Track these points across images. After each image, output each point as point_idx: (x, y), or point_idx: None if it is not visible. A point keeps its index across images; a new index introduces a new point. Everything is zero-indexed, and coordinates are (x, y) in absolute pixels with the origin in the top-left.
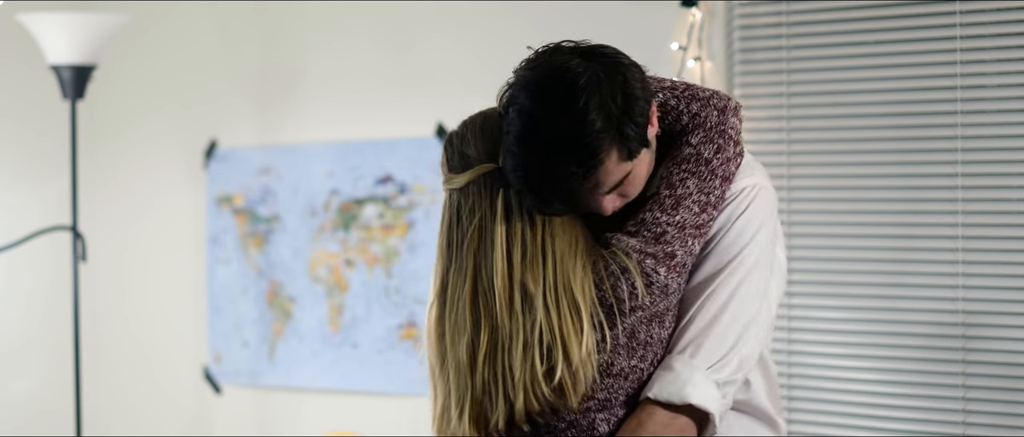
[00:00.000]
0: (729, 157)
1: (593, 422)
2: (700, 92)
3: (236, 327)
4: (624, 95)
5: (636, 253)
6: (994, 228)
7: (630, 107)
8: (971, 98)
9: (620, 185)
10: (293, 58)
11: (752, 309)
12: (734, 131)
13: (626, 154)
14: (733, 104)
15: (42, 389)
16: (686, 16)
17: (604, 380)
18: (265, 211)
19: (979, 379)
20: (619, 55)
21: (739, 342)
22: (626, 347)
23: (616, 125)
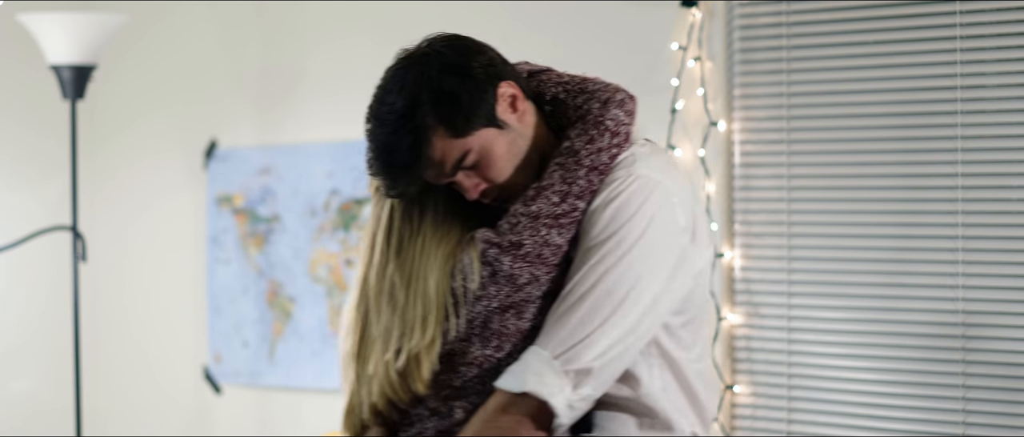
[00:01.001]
0: (601, 147)
1: (451, 409)
2: (590, 86)
3: (236, 327)
4: (452, 71)
5: (482, 243)
6: (994, 228)
7: (455, 83)
8: (971, 98)
9: (474, 167)
10: (293, 58)
11: (618, 300)
12: (612, 122)
13: (452, 129)
14: (619, 96)
15: (42, 389)
16: (686, 16)
17: (459, 368)
18: (265, 211)
19: (979, 379)
20: (467, 41)
21: (597, 333)
22: (479, 336)
23: (435, 99)
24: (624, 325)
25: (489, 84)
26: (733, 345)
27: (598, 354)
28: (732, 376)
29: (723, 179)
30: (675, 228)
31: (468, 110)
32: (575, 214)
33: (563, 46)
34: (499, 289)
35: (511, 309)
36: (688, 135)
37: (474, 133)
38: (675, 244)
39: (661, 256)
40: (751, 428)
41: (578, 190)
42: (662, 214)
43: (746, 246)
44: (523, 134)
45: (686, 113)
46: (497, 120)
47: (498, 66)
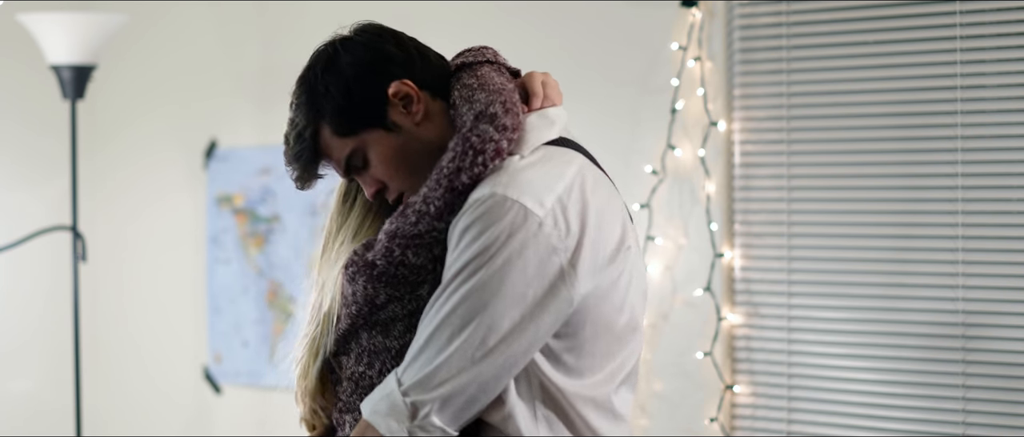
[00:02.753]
0: (461, 166)
1: (342, 423)
2: (478, 94)
3: (236, 327)
4: (337, 70)
5: (347, 263)
6: (994, 228)
7: (338, 82)
8: (971, 98)
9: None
10: (293, 58)
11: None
12: (478, 138)
13: (335, 128)
14: (492, 109)
15: (42, 389)
16: (686, 16)
17: (343, 383)
18: (265, 211)
19: (979, 379)
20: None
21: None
22: (355, 353)
23: (322, 96)
24: (468, 354)
25: (377, 84)
26: (733, 345)
27: (439, 383)
28: (732, 376)
29: (723, 179)
30: (538, 249)
31: (350, 110)
32: (434, 234)
33: (563, 46)
34: (359, 307)
35: (376, 327)
36: (688, 135)
37: (359, 133)
38: (537, 266)
39: (516, 280)
40: (751, 428)
41: (435, 210)
42: (517, 237)
43: (746, 246)
44: (418, 137)
45: (686, 113)
46: (386, 121)
47: (394, 64)
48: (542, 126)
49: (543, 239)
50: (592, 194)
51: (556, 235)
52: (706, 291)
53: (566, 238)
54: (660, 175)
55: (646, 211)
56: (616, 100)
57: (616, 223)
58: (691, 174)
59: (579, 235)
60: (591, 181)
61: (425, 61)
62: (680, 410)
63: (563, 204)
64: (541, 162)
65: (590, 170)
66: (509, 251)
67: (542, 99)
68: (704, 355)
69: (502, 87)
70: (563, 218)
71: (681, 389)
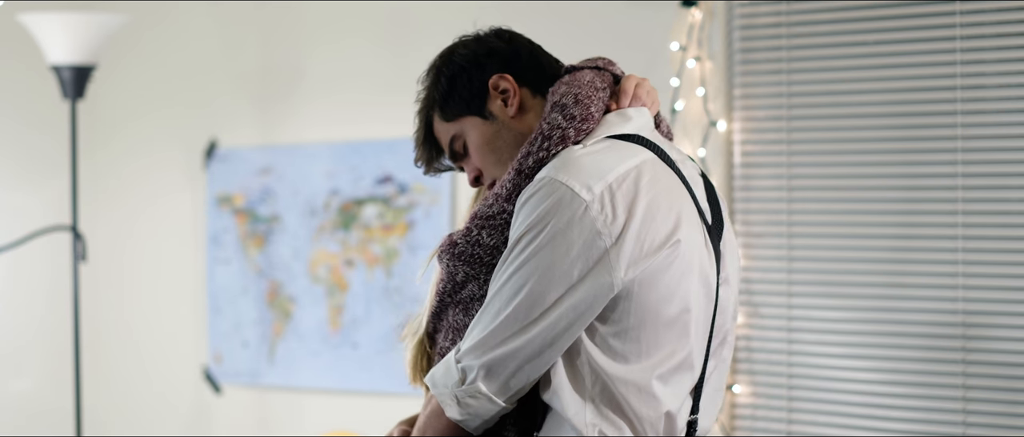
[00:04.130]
0: (529, 151)
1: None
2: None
3: (236, 327)
4: (451, 60)
5: (439, 245)
6: (994, 228)
7: (449, 71)
8: (971, 98)
9: (463, 153)
10: (293, 58)
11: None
12: (547, 125)
13: (441, 113)
14: (563, 100)
15: (42, 389)
16: (686, 16)
17: (434, 358)
18: (265, 211)
19: (979, 379)
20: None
21: (488, 333)
22: (444, 330)
23: (434, 83)
24: (513, 325)
25: (478, 75)
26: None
27: (486, 350)
28: (732, 376)
29: (723, 179)
30: (583, 231)
31: (454, 97)
32: (504, 216)
33: (563, 46)
34: (444, 285)
35: (459, 305)
36: (688, 135)
37: (458, 119)
38: (582, 247)
39: (559, 258)
40: (751, 428)
41: (506, 193)
42: (563, 217)
43: (746, 246)
44: (512, 128)
45: (686, 113)
46: (484, 110)
47: (497, 58)
48: (617, 122)
49: (588, 222)
50: (648, 187)
51: (601, 219)
52: None
53: (611, 224)
54: None
55: None
56: None
57: (669, 217)
58: None
59: (624, 222)
60: (650, 175)
61: (532, 60)
62: None
63: (612, 191)
64: (602, 152)
65: (654, 165)
66: (554, 230)
67: (631, 99)
68: None
69: (582, 83)
70: (611, 204)
71: None
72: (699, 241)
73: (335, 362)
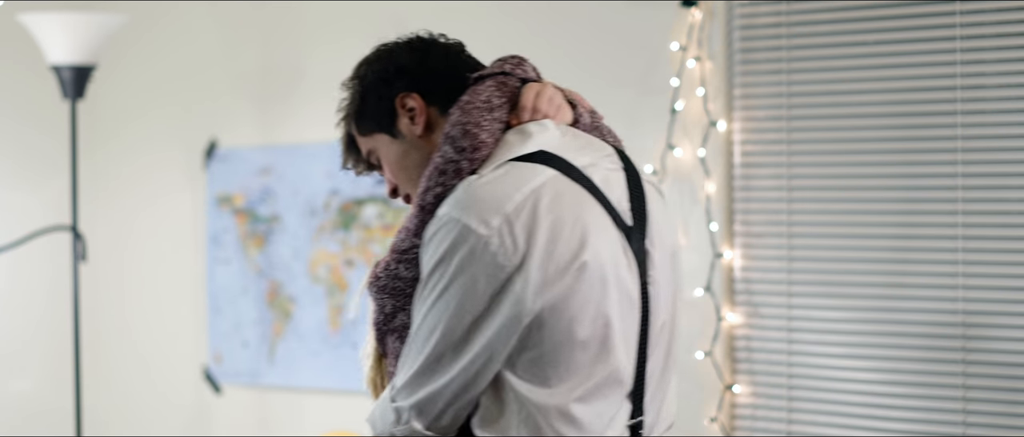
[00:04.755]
0: (428, 186)
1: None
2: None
3: (236, 327)
4: (362, 79)
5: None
6: (994, 228)
7: (361, 90)
8: (971, 98)
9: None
10: (293, 58)
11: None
12: (441, 159)
13: (355, 126)
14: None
15: (42, 389)
16: (686, 16)
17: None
18: (265, 211)
19: (979, 379)
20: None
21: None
22: (389, 355)
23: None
24: (432, 365)
25: (386, 93)
26: (733, 345)
27: (413, 391)
28: (732, 376)
29: (723, 179)
30: (484, 267)
31: (365, 113)
32: (415, 251)
33: (563, 46)
34: (376, 316)
35: (394, 332)
36: (688, 135)
37: (371, 135)
38: (485, 283)
39: (464, 297)
40: (751, 428)
41: (413, 227)
42: (464, 255)
43: (746, 246)
44: (420, 147)
45: (686, 113)
46: (393, 129)
47: (405, 76)
48: (516, 143)
49: (489, 257)
50: (548, 210)
51: (502, 253)
52: (706, 291)
53: (513, 255)
54: (660, 175)
55: None
56: (616, 100)
57: (574, 238)
58: (691, 174)
59: (525, 252)
60: (550, 196)
61: (443, 76)
62: (680, 410)
63: (510, 222)
64: (498, 180)
65: (557, 183)
66: (458, 269)
67: (531, 112)
68: (704, 355)
69: (475, 105)
70: (510, 236)
71: (681, 389)
72: (614, 251)
73: (335, 362)
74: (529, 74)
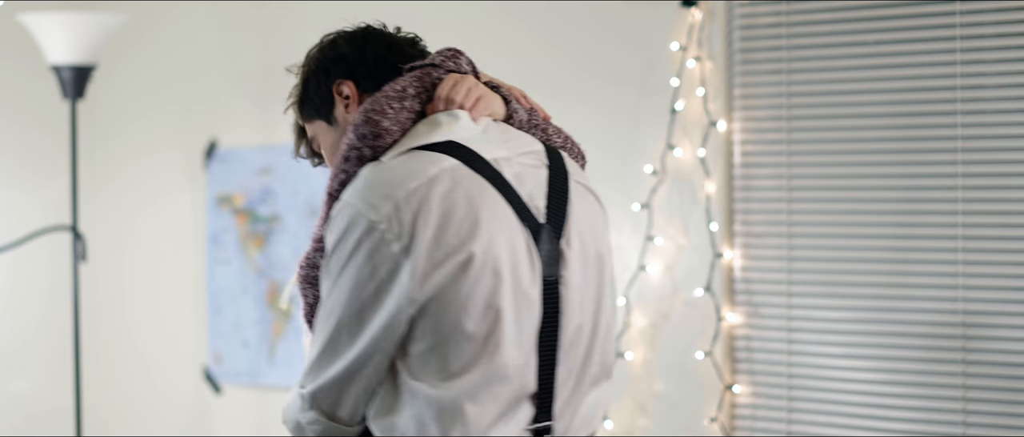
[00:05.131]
0: (335, 174)
1: None
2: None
3: (236, 327)
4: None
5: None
6: (994, 228)
7: (304, 77)
8: (971, 98)
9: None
10: (293, 58)
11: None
12: (346, 147)
13: (299, 114)
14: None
15: (42, 389)
16: (686, 16)
17: None
18: (265, 211)
19: (979, 379)
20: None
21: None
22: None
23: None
24: (329, 351)
25: (325, 80)
26: (733, 345)
27: (312, 379)
28: (732, 376)
29: (723, 179)
30: (373, 251)
31: (307, 100)
32: (323, 239)
33: (563, 46)
34: (305, 310)
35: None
36: (688, 135)
37: (312, 121)
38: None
39: (356, 281)
40: (751, 428)
41: (323, 215)
42: (356, 240)
43: (746, 246)
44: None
45: (686, 113)
46: (330, 116)
47: (343, 65)
48: (424, 132)
49: (377, 241)
50: (440, 199)
51: (390, 237)
52: (706, 291)
53: (400, 240)
54: (660, 175)
55: (646, 211)
56: (616, 100)
57: (463, 227)
58: (691, 174)
59: (411, 238)
60: (446, 186)
61: (379, 64)
62: (680, 410)
63: (400, 209)
64: (395, 167)
65: (456, 174)
66: (350, 254)
67: (444, 103)
68: (704, 355)
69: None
70: (398, 221)
71: (681, 389)
72: (513, 246)
73: None
74: (462, 67)
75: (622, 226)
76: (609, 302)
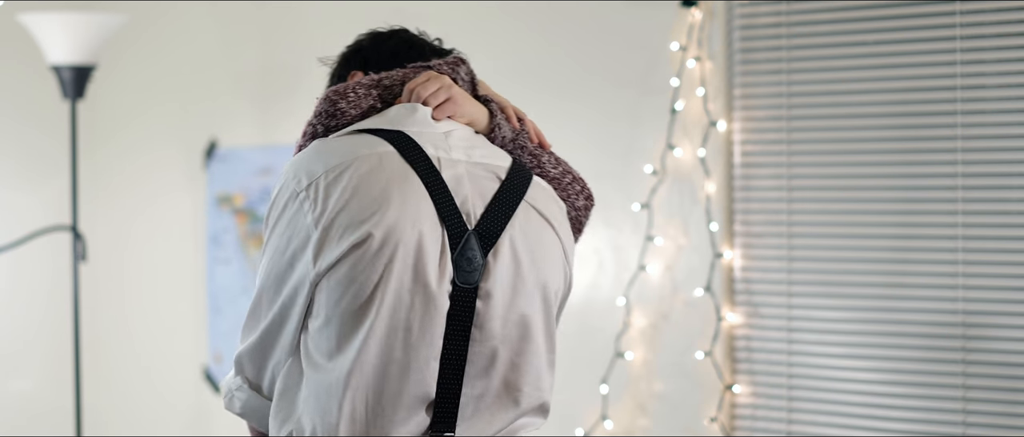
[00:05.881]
0: (297, 146)
1: None
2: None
3: (236, 327)
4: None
5: None
6: (994, 228)
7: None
8: (971, 98)
9: None
10: (293, 58)
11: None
12: (306, 123)
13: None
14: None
15: (42, 389)
16: (686, 16)
17: None
18: (265, 211)
19: (979, 379)
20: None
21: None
22: None
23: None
24: (252, 320)
25: (343, 71)
26: (733, 345)
27: (240, 345)
28: (732, 376)
29: (723, 179)
30: (294, 218)
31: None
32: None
33: (563, 46)
34: None
35: None
36: (688, 135)
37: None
38: (293, 234)
39: (279, 250)
40: (751, 428)
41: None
42: (283, 207)
43: (746, 246)
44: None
45: (686, 113)
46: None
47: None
48: (375, 118)
49: (298, 210)
50: (357, 178)
51: (307, 207)
52: (706, 291)
53: (314, 212)
54: (660, 175)
55: (646, 211)
56: (616, 100)
57: (367, 209)
58: (691, 174)
59: (322, 211)
60: (367, 168)
61: (393, 62)
62: (680, 410)
63: (319, 183)
64: (334, 144)
65: (385, 160)
66: (275, 220)
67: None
68: (704, 355)
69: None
70: (319, 193)
71: (681, 389)
72: (420, 241)
73: None
74: (458, 75)
75: (622, 226)
76: (543, 335)
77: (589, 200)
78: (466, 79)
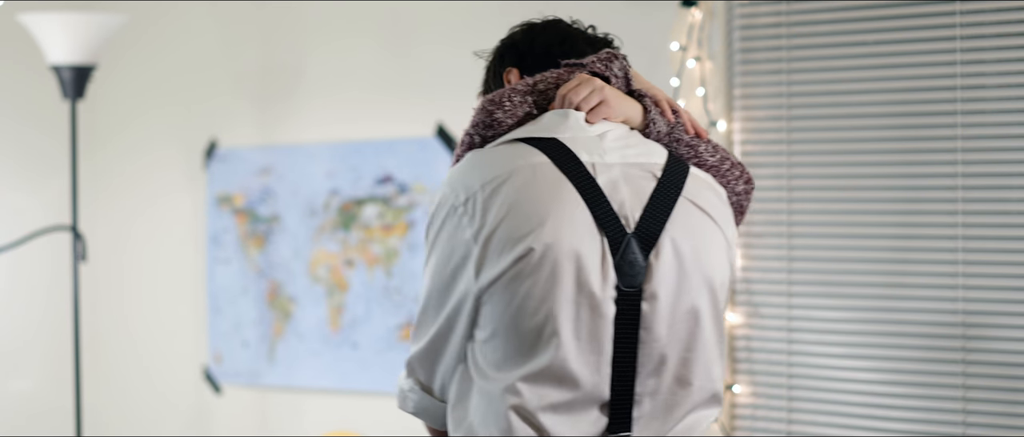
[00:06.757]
0: (455, 155)
1: None
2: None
3: (236, 327)
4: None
5: None
6: (994, 228)
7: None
8: (971, 98)
9: None
10: (293, 58)
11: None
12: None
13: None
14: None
15: (42, 389)
16: (686, 16)
17: None
18: (265, 211)
19: (979, 379)
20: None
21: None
22: None
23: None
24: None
25: (498, 66)
26: (733, 345)
27: (412, 345)
28: (732, 376)
29: None
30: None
31: (487, 85)
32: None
33: None
34: None
35: None
36: None
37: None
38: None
39: (438, 257)
40: (751, 428)
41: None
42: (443, 220)
43: (746, 246)
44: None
45: None
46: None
47: (512, 53)
48: (529, 126)
49: (457, 224)
50: (513, 191)
51: (466, 222)
52: None
53: (472, 226)
54: None
55: None
56: None
57: (528, 222)
58: None
59: (481, 226)
60: (523, 180)
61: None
62: None
63: (477, 196)
64: (489, 156)
65: (540, 170)
66: (435, 233)
67: (559, 101)
68: None
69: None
70: (474, 208)
71: None
72: (580, 249)
73: (335, 362)
74: (611, 71)
75: None
76: (712, 327)
77: (749, 184)
78: (620, 75)
